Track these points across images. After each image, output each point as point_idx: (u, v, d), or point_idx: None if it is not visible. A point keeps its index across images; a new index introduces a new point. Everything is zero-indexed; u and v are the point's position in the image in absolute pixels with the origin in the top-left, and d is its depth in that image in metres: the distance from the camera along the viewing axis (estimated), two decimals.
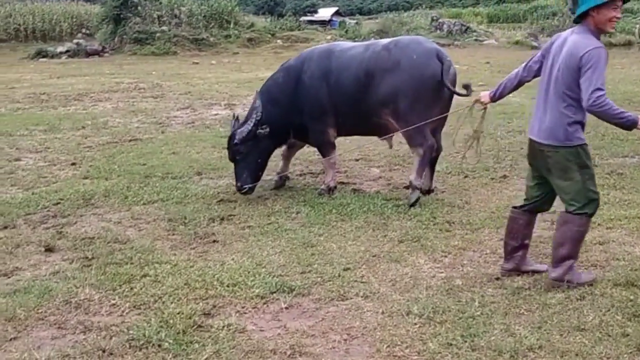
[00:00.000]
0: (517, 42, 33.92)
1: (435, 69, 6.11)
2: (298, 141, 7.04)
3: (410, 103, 6.14)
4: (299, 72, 6.68)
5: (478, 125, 5.04)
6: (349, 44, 7.12)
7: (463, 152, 5.57)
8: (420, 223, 5.71)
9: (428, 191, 6.53)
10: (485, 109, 4.91)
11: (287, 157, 7.23)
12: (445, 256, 4.97)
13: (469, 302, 4.13)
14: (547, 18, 40.02)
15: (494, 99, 4.67)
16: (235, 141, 6.44)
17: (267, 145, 6.64)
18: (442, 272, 4.66)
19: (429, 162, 6.40)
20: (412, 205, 6.13)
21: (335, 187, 6.74)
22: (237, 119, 6.80)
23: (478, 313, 3.96)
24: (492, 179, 7.21)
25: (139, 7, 31.04)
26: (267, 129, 6.43)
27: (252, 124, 6.43)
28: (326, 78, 6.53)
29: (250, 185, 6.50)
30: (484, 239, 5.33)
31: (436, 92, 6.15)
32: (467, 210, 6.09)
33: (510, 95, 4.80)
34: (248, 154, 6.49)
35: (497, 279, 4.50)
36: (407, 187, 6.55)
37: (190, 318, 3.92)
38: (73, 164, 8.30)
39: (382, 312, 4.01)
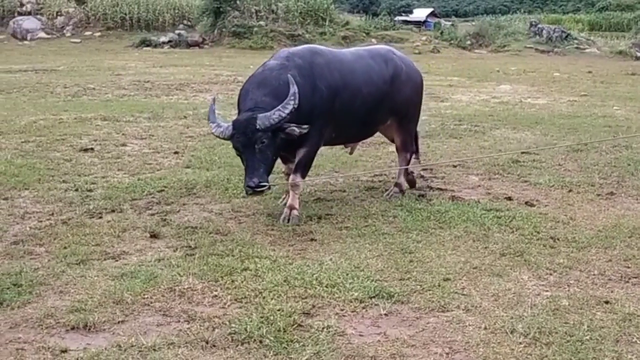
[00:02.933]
0: (620, 52, 32.73)
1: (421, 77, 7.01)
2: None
3: (415, 110, 6.86)
4: (312, 77, 5.86)
5: None
6: (332, 49, 6.70)
7: None
8: (522, 237, 5.52)
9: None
10: None
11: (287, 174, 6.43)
12: (550, 274, 4.77)
13: (576, 324, 3.94)
14: None
15: None
16: (258, 127, 5.42)
17: (281, 143, 5.67)
18: (547, 291, 4.48)
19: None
20: (390, 198, 6.63)
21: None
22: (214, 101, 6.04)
23: (587, 337, 3.78)
24: (598, 195, 6.91)
25: (238, 1, 31.83)
26: (307, 128, 5.63)
27: (287, 111, 5.44)
28: (346, 88, 6.08)
29: (268, 184, 5.58)
30: (591, 258, 5.09)
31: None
32: (572, 226, 5.84)
33: (615, 107, 4.58)
34: (268, 145, 5.54)
35: (607, 302, 4.29)
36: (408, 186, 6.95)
37: (290, 316, 3.93)
38: (176, 152, 8.54)
39: (485, 328, 3.89)
